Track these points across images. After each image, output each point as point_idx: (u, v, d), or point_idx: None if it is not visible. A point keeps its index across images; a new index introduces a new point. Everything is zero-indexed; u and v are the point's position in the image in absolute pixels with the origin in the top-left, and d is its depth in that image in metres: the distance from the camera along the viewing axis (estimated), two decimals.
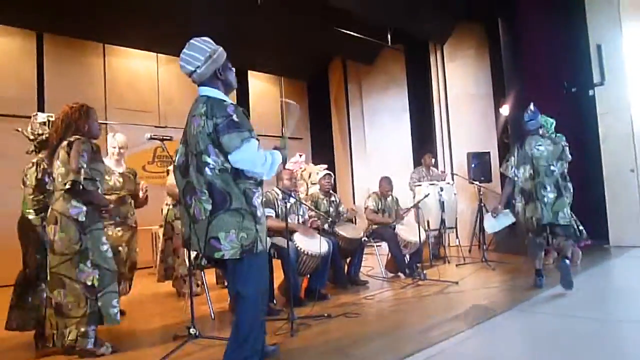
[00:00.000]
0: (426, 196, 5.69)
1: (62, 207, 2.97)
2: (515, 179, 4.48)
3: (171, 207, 4.73)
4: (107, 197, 3.53)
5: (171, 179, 3.75)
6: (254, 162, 2.27)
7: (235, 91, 9.14)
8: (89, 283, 2.94)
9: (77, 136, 3.07)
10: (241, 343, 2.32)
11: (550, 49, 7.02)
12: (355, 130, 9.54)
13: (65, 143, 3.04)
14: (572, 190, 4.91)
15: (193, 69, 2.34)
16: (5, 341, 3.43)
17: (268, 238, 4.12)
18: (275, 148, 2.48)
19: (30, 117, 6.02)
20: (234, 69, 2.48)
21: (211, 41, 2.41)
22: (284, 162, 2.49)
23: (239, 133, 2.22)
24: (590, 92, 7.04)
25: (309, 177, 6.02)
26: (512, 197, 4.60)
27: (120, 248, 3.94)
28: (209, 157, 2.24)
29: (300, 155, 6.91)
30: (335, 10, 6.77)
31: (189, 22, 6.79)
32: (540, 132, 4.56)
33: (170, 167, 4.10)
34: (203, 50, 2.35)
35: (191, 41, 2.37)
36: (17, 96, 6.38)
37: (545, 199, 4.27)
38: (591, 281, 4.76)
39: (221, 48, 2.41)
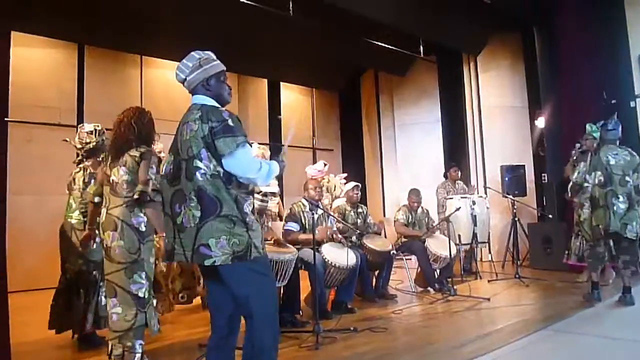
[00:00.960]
0: (457, 209, 5.58)
1: (123, 215, 2.95)
2: (585, 184, 4.38)
3: None
4: None
5: None
6: (248, 167, 2.20)
7: (267, 101, 9.29)
8: (141, 295, 2.91)
9: (146, 147, 3.08)
10: (257, 355, 2.18)
11: (589, 59, 6.80)
12: (386, 142, 9.47)
13: (137, 153, 3.03)
14: None
15: (184, 77, 2.32)
16: (50, 340, 3.57)
17: (295, 249, 4.13)
18: (272, 158, 2.39)
19: (70, 126, 6.28)
20: (228, 87, 2.41)
21: (210, 53, 2.38)
22: (281, 172, 2.39)
23: (233, 137, 2.17)
24: (632, 104, 6.80)
25: (334, 189, 5.98)
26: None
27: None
28: (201, 161, 2.17)
29: (325, 165, 6.85)
30: (367, 21, 6.77)
31: (223, 35, 6.94)
32: (618, 142, 4.46)
33: None
34: (194, 59, 2.32)
35: (192, 52, 2.36)
36: (58, 105, 6.62)
37: (615, 208, 4.16)
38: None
39: (218, 61, 2.38)
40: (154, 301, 3.11)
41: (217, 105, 2.31)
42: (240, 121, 2.27)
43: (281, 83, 9.32)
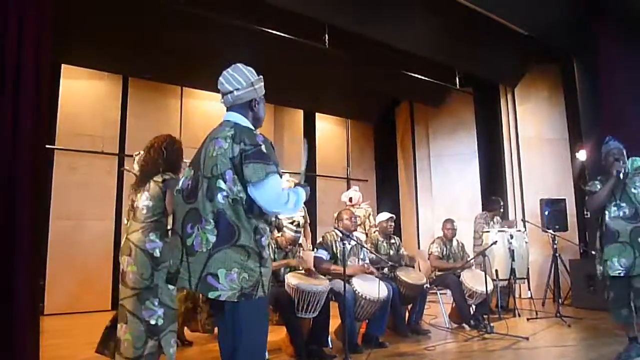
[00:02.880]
0: (494, 243, 5.41)
1: (138, 240, 2.94)
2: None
3: None
4: None
5: None
6: (276, 199, 2.09)
7: (303, 131, 9.39)
8: (153, 322, 2.88)
9: (171, 175, 3.08)
10: None
11: (632, 90, 6.59)
12: (421, 174, 9.37)
13: (160, 179, 3.04)
14: None
15: (232, 89, 2.23)
16: None
17: (327, 280, 4.09)
18: (297, 184, 2.31)
19: (112, 154, 6.51)
20: (264, 109, 2.36)
21: (254, 72, 2.32)
22: (307, 196, 2.29)
23: (265, 165, 2.05)
24: None
25: (368, 217, 5.94)
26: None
27: None
28: (225, 183, 2.05)
29: (356, 190, 6.79)
30: (401, 53, 6.81)
31: (259, 66, 7.10)
32: None
33: None
34: (246, 76, 2.26)
35: (237, 65, 2.31)
36: (101, 134, 6.88)
37: None
38: None
39: (262, 82, 2.33)
40: (175, 327, 3.07)
41: (251, 127, 2.23)
42: (274, 148, 2.18)
43: (316, 113, 9.43)
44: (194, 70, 7.19)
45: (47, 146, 6.26)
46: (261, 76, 2.33)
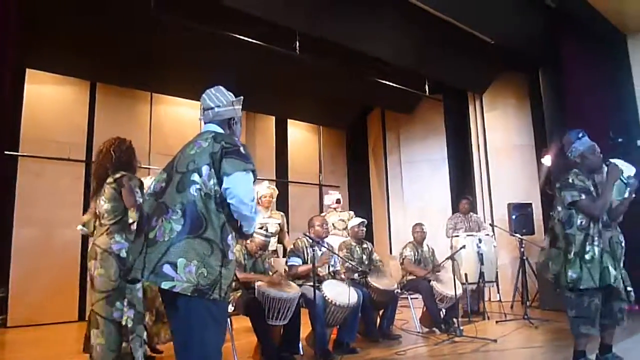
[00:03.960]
0: (462, 248, 5.51)
1: (104, 242, 2.95)
2: None
3: None
4: None
5: None
6: (246, 193, 2.09)
7: (275, 137, 9.35)
8: (124, 323, 2.87)
9: (122, 172, 3.07)
10: None
11: (594, 98, 6.84)
12: (392, 179, 9.47)
13: (111, 179, 3.04)
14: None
15: (213, 105, 2.32)
16: None
17: (298, 287, 4.08)
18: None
19: (79, 161, 6.36)
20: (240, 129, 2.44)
21: (233, 95, 2.42)
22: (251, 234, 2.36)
23: (243, 162, 2.11)
24: (638, 142, 6.79)
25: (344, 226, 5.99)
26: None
27: None
28: (200, 176, 2.07)
29: (338, 201, 6.81)
30: (373, 60, 6.89)
31: (231, 73, 7.09)
32: None
33: None
34: (227, 96, 2.37)
35: (219, 86, 2.41)
36: (68, 141, 6.72)
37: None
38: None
39: (241, 104, 2.42)
40: (144, 332, 3.04)
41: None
42: (250, 154, 2.26)
43: (288, 120, 9.43)
44: (164, 77, 7.12)
45: (11, 153, 6.13)
46: (241, 97, 2.41)
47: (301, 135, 9.73)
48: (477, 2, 6.18)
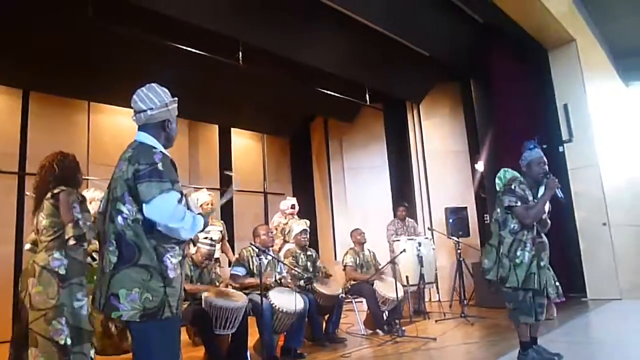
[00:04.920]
0: (402, 252, 5.75)
1: (43, 259, 2.87)
2: None
3: None
4: None
5: None
6: (170, 214, 2.05)
7: (218, 146, 9.28)
8: (62, 342, 2.79)
9: (62, 187, 3.00)
10: None
11: (521, 107, 7.35)
12: (336, 186, 9.67)
13: (50, 195, 2.97)
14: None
15: (145, 108, 2.23)
16: None
17: (244, 294, 4.13)
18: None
19: (12, 173, 6.07)
20: (177, 129, 2.38)
21: (169, 93, 2.33)
22: (204, 229, 2.28)
23: (159, 183, 2.05)
24: (560, 149, 7.34)
25: (287, 232, 6.05)
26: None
27: None
28: (124, 205, 2.06)
29: (293, 207, 6.82)
30: (315, 70, 7.05)
31: (172, 82, 7.01)
32: None
33: None
34: (161, 96, 2.27)
35: (152, 84, 2.31)
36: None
37: None
38: (571, 334, 4.78)
39: (176, 103, 2.34)
40: (91, 349, 2.99)
41: (154, 144, 2.23)
42: (174, 165, 2.20)
43: (232, 129, 9.42)
44: (102, 85, 6.93)
45: None
46: (176, 98, 2.34)
47: (245, 144, 9.74)
48: (411, 18, 6.49)
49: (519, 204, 3.52)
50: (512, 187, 3.60)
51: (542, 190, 3.61)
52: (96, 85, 6.90)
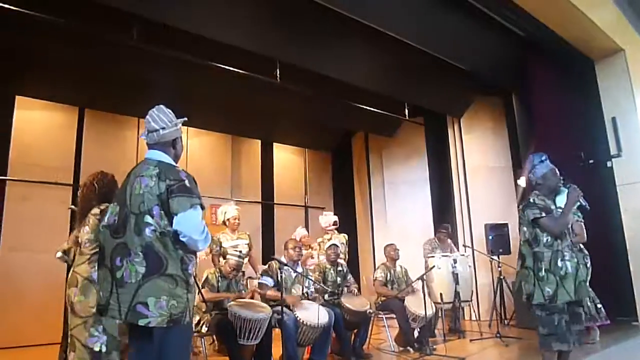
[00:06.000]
0: (432, 268, 5.70)
1: (85, 270, 3.08)
2: None
3: None
4: None
5: None
6: (196, 228, 2.25)
7: (260, 160, 9.52)
8: (97, 349, 2.98)
9: (107, 204, 3.15)
10: None
11: (565, 121, 7.10)
12: (376, 201, 9.66)
13: (97, 210, 3.18)
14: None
15: (158, 128, 2.41)
16: None
17: (269, 307, 4.24)
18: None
19: (67, 184, 6.48)
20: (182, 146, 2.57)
21: (174, 114, 2.53)
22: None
23: (189, 198, 2.25)
24: (608, 164, 7.02)
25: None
26: None
27: None
28: (152, 218, 2.22)
29: (335, 223, 6.90)
30: (353, 86, 7.11)
31: (217, 99, 7.34)
32: None
33: None
34: (170, 117, 2.47)
35: (160, 106, 2.51)
36: (56, 165, 6.90)
37: None
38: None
39: (182, 123, 2.54)
40: (116, 358, 3.17)
41: (173, 163, 2.43)
42: (195, 182, 2.37)
43: (274, 143, 9.64)
44: (151, 103, 7.27)
45: None
46: (184, 118, 2.56)
47: (287, 158, 9.93)
48: (450, 34, 6.44)
49: (543, 214, 3.45)
50: (532, 200, 3.55)
51: (559, 199, 3.53)
52: (145, 103, 7.28)
